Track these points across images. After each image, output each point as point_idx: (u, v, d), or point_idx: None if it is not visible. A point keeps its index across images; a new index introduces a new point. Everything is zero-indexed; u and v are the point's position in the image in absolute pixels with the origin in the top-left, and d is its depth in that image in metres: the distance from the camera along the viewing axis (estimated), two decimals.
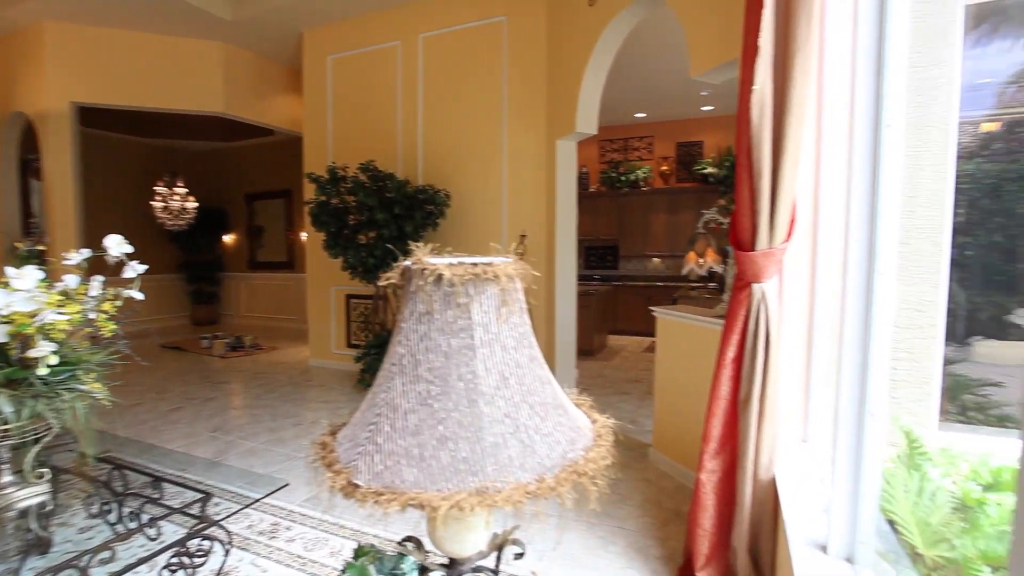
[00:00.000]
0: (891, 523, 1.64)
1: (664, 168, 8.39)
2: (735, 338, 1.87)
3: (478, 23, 5.16)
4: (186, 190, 8.23)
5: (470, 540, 0.75)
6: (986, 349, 2.46)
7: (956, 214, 2.09)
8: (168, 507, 2.04)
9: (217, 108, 6.33)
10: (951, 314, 2.15)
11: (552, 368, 4.82)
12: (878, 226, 1.33)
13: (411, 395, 0.69)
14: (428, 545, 0.84)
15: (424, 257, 0.71)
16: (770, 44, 1.78)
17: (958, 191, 2.08)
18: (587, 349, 6.54)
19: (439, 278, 0.68)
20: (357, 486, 0.64)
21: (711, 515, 2.11)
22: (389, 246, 4.51)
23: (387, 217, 4.64)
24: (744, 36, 1.91)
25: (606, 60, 4.24)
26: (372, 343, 5.03)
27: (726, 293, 2.81)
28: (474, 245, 5.08)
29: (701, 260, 2.94)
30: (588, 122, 4.44)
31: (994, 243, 2.35)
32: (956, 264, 2.14)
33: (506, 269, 0.70)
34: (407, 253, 0.74)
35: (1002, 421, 2.28)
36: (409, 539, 0.84)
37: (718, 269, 2.98)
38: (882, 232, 1.31)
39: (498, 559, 0.85)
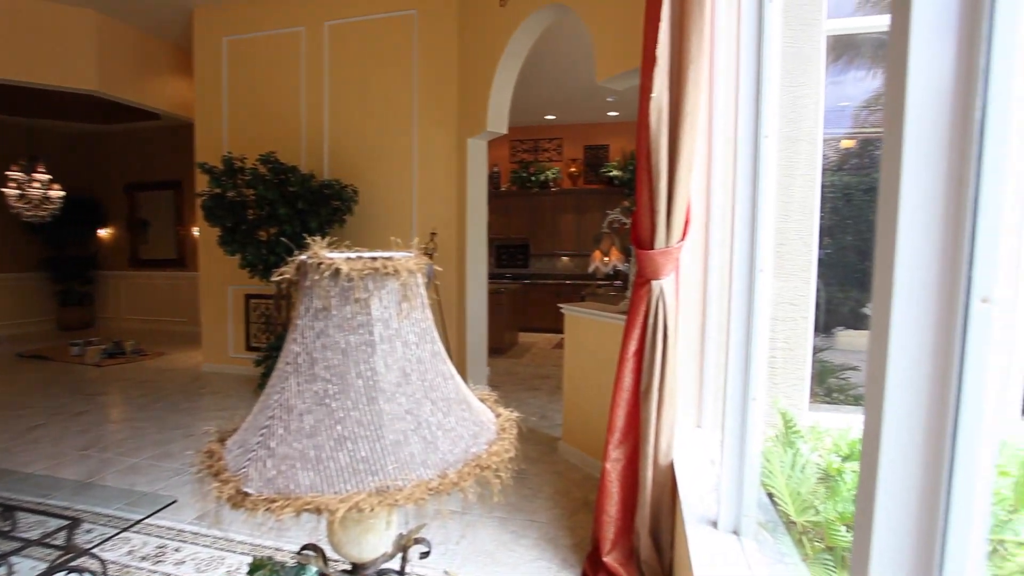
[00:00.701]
0: (770, 496, 1.81)
1: (573, 170, 8.67)
2: (636, 332, 1.97)
3: (388, 15, 5.03)
4: (49, 177, 7.25)
5: (371, 542, 0.73)
6: (846, 338, 2.80)
7: (822, 219, 2.36)
8: (23, 540, 1.79)
9: (89, 85, 5.63)
10: (818, 307, 2.42)
11: (464, 366, 4.82)
12: (758, 228, 1.46)
13: (307, 395, 0.65)
14: (331, 552, 0.81)
15: (320, 251, 0.68)
16: (666, 56, 1.89)
17: (823, 199, 2.35)
18: (499, 347, 6.60)
19: (336, 273, 0.65)
20: (247, 494, 0.59)
21: (616, 502, 2.21)
22: (286, 242, 4.27)
23: (290, 212, 4.40)
24: (643, 47, 2.02)
25: (517, 61, 4.31)
26: (274, 345, 4.74)
27: (629, 290, 2.96)
28: (384, 242, 4.92)
29: (606, 258, 3.08)
30: (499, 122, 4.48)
31: (851, 245, 2.68)
32: (822, 263, 2.41)
33: (407, 264, 0.69)
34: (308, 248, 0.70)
35: (859, 400, 2.60)
36: (309, 547, 0.80)
37: (622, 267, 3.13)
38: (761, 233, 1.45)
39: (403, 560, 0.83)
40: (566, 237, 8.65)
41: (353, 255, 0.70)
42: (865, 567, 0.62)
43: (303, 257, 0.70)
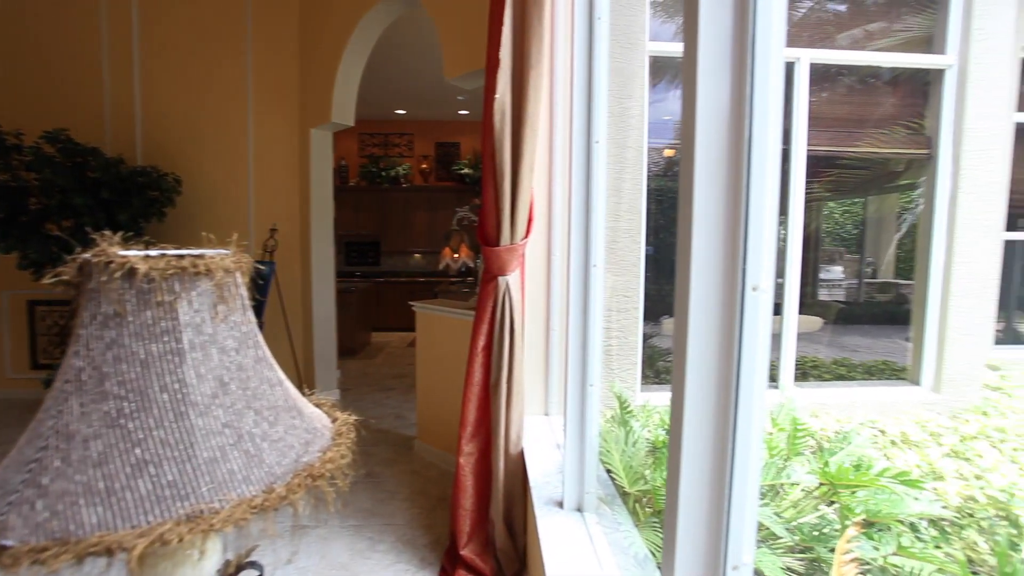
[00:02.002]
0: (608, 472, 1.99)
1: (424, 166, 8.60)
2: (485, 327, 2.02)
3: None
4: None
5: None
6: (671, 325, 3.18)
7: (650, 219, 2.65)
8: None
9: None
10: (647, 299, 2.71)
11: (311, 370, 4.52)
12: (592, 226, 1.59)
13: (94, 417, 0.55)
14: None
15: (111, 248, 0.58)
16: (509, 59, 1.96)
17: (651, 201, 2.64)
18: (350, 348, 6.32)
19: (131, 273, 0.56)
20: (3, 548, 0.48)
21: (471, 495, 2.25)
22: (94, 235, 3.61)
23: (89, 202, 3.71)
24: (488, 48, 2.06)
25: (364, 50, 4.13)
26: None
27: (478, 286, 3.02)
28: (218, 238, 4.40)
29: (456, 255, 3.10)
30: (345, 113, 4.27)
31: (673, 243, 3.05)
32: (650, 259, 2.71)
33: (222, 262, 0.62)
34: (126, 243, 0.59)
35: None
36: None
37: (471, 264, 3.19)
38: (594, 231, 1.57)
39: None
40: (418, 234, 8.55)
41: (155, 253, 0.61)
42: (675, 515, 0.71)
43: (87, 256, 0.59)
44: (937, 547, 2.10)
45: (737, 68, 0.64)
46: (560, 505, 1.77)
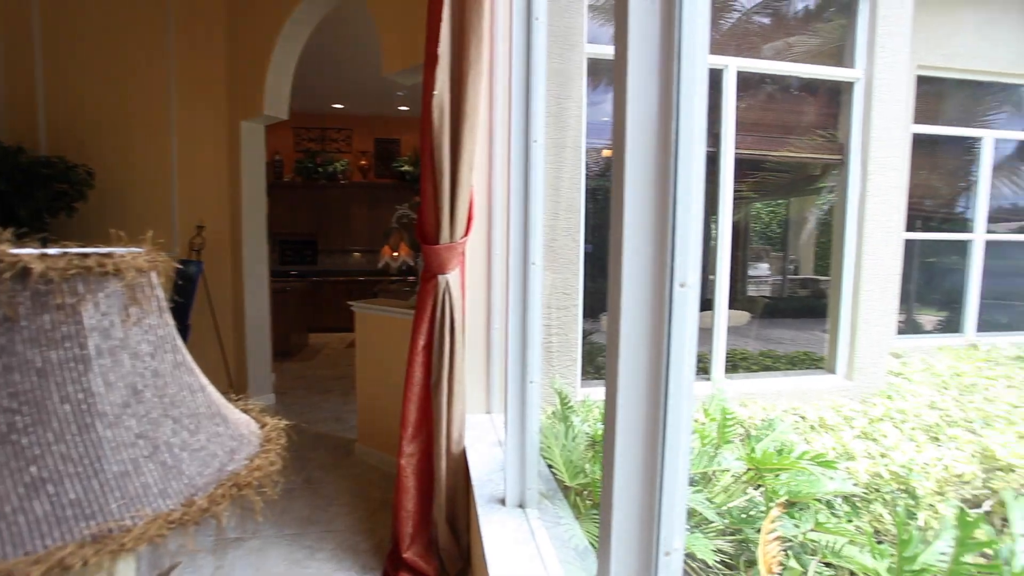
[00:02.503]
0: (550, 467, 2.02)
1: (363, 163, 8.38)
2: (425, 327, 2.00)
3: None
4: None
5: None
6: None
7: (589, 218, 2.70)
8: None
9: None
10: (587, 295, 2.77)
11: (243, 374, 4.31)
12: (530, 224, 1.60)
13: None
14: None
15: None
16: (448, 55, 1.94)
17: (590, 200, 2.69)
18: (285, 350, 6.08)
19: (24, 273, 0.51)
20: None
21: (413, 496, 2.22)
22: None
23: None
24: (426, 44, 2.03)
25: (298, 40, 3.97)
26: None
27: (419, 285, 2.98)
28: (134, 237, 4.10)
29: (395, 254, 3.05)
30: (278, 105, 4.09)
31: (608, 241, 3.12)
32: (589, 256, 2.76)
33: (134, 261, 0.57)
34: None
35: None
36: None
37: (411, 262, 3.14)
38: (533, 230, 1.59)
39: None
40: (358, 232, 8.33)
41: (55, 251, 0.56)
42: (609, 505, 0.73)
43: None
44: (849, 521, 2.27)
45: (664, 74, 0.66)
46: (502, 502, 1.78)
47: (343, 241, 8.35)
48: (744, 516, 1.88)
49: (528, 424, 1.67)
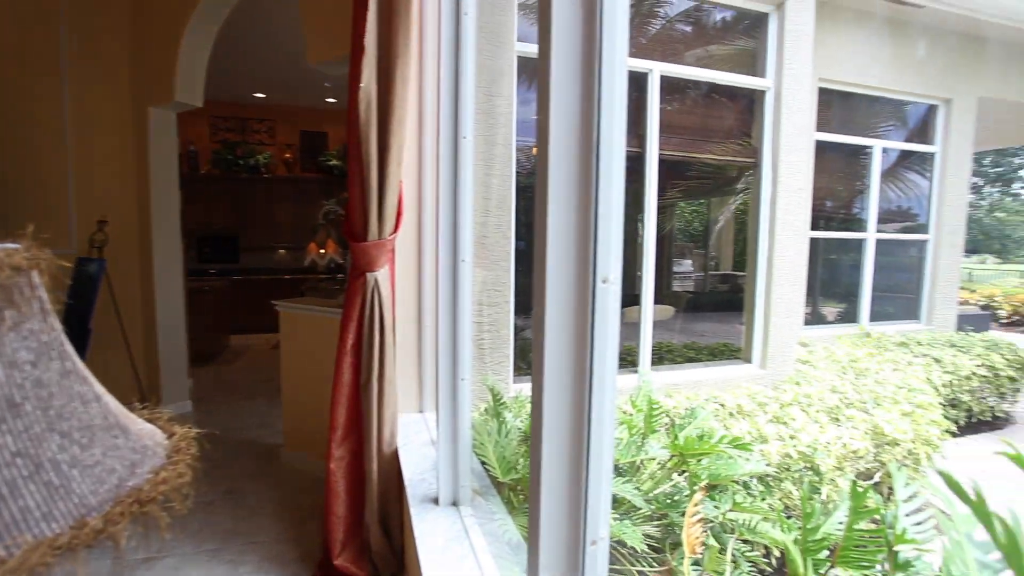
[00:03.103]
0: (483, 464, 2.02)
1: (288, 156, 8.01)
2: (353, 326, 1.94)
3: None
4: None
5: None
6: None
7: (522, 215, 2.73)
8: None
9: None
10: (520, 292, 2.79)
11: (156, 380, 4.00)
12: (460, 221, 1.59)
13: None
14: None
15: None
16: (375, 46, 1.89)
17: (523, 198, 2.71)
18: (204, 353, 5.71)
19: None
20: None
21: (344, 500, 2.15)
22: None
23: None
24: (353, 34, 1.97)
25: (213, 21, 3.72)
26: None
27: (347, 283, 2.89)
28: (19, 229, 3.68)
29: (322, 251, 2.94)
30: (191, 92, 3.82)
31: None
32: (521, 253, 2.79)
33: (9, 259, 0.51)
34: None
35: None
36: None
37: (340, 260, 3.04)
38: (463, 226, 1.58)
39: None
40: (283, 228, 7.94)
41: None
42: (537, 498, 0.74)
43: None
44: (764, 500, 2.44)
45: (586, 73, 0.68)
46: (436, 501, 1.77)
47: (267, 238, 7.94)
48: (669, 501, 1.97)
49: (460, 422, 1.66)
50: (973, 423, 5.06)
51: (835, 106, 5.36)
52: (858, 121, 5.61)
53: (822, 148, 5.25)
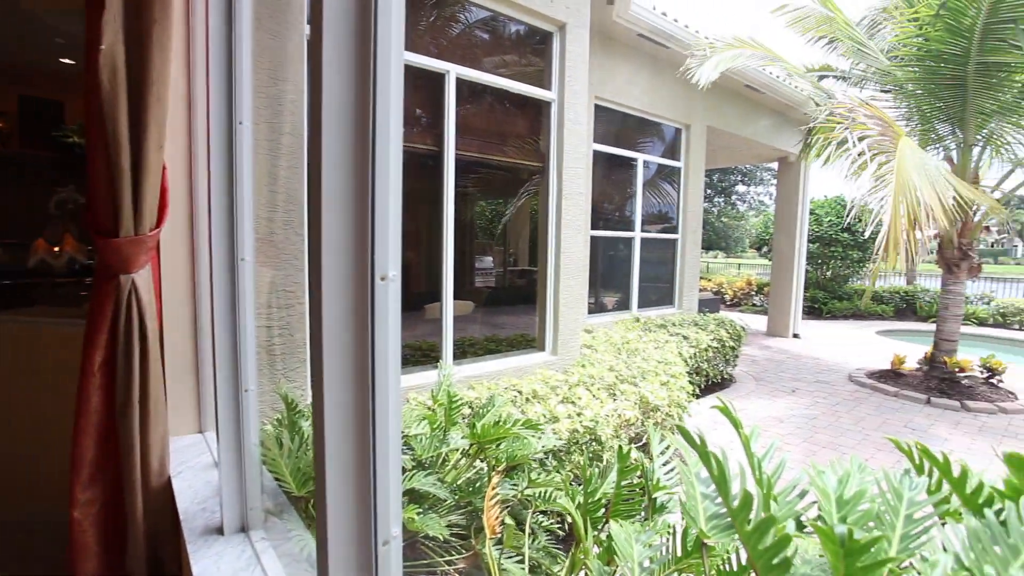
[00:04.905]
0: (277, 480, 1.86)
1: (1, 126, 6.27)
2: (103, 339, 1.61)
3: None
4: None
5: None
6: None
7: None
8: None
9: None
10: None
11: None
12: (239, 216, 1.43)
13: None
14: None
15: None
16: (120, 3, 1.58)
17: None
18: None
19: None
20: None
21: (95, 554, 1.78)
22: None
23: None
24: None
25: None
26: None
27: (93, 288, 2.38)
28: None
29: (56, 249, 2.37)
30: None
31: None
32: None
33: None
34: None
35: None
36: None
37: (83, 259, 2.49)
38: (241, 222, 1.42)
39: None
40: None
41: None
42: (324, 504, 0.71)
43: None
44: (557, 472, 2.71)
45: (361, 69, 0.66)
46: (220, 531, 1.57)
47: None
48: (472, 488, 2.06)
49: (246, 438, 1.50)
50: (710, 385, 6.34)
51: (609, 122, 6.18)
52: (628, 137, 6.56)
53: (599, 157, 6.02)
